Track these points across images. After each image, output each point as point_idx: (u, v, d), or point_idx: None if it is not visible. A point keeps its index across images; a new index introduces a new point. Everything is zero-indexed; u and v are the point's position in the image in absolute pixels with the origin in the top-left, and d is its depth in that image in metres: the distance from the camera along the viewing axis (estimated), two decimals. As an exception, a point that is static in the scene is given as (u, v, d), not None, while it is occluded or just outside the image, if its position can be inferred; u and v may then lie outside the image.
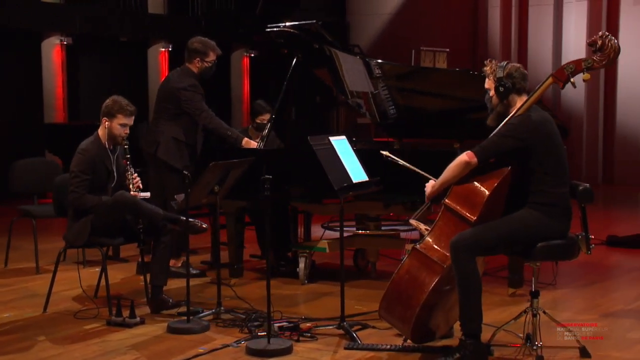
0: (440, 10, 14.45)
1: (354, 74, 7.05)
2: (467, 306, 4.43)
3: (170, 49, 13.66)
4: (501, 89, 4.59)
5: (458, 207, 4.52)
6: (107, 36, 13.17)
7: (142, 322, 5.43)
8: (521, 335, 4.77)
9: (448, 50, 12.54)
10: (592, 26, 14.00)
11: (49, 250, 7.40)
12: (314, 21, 6.80)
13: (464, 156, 4.47)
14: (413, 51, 11.51)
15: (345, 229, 7.04)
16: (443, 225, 4.59)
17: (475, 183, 4.50)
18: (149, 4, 13.57)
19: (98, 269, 6.89)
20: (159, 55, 13.64)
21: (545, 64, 14.11)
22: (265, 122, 7.17)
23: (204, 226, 5.83)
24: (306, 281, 6.61)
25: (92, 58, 13.38)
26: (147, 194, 6.18)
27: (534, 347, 4.64)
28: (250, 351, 4.80)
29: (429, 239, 4.60)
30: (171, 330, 5.27)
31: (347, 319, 5.25)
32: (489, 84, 4.68)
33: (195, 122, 6.70)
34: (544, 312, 4.71)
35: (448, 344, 4.85)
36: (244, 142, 6.61)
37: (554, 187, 4.48)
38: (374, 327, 5.28)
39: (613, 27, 14.00)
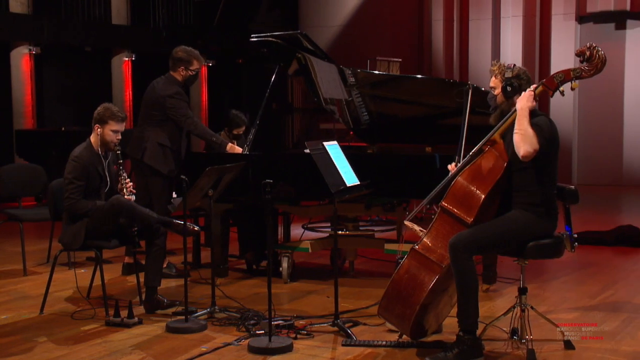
0: (388, 23, 14.42)
1: (328, 81, 6.93)
2: (465, 303, 4.35)
3: (133, 59, 13.38)
4: (509, 88, 4.52)
5: (455, 210, 4.43)
6: (73, 46, 12.83)
7: (140, 322, 5.23)
8: (505, 329, 4.72)
9: (400, 60, 12.52)
10: (527, 40, 14.15)
11: (33, 252, 7.15)
12: (299, 31, 6.65)
13: (531, 155, 4.27)
14: (369, 61, 11.44)
15: (324, 229, 6.99)
16: (440, 226, 4.50)
17: (471, 187, 4.42)
18: (112, 16, 13.28)
19: (84, 270, 6.70)
20: (123, 64, 13.35)
21: (484, 75, 14.06)
22: (242, 133, 7.07)
23: (196, 229, 5.68)
24: (289, 280, 6.46)
25: (59, 67, 13.04)
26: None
27: (523, 341, 4.60)
28: (252, 349, 4.64)
29: (426, 240, 4.50)
30: (170, 329, 5.08)
31: (327, 317, 5.18)
32: (495, 82, 4.62)
33: (180, 128, 6.51)
34: (532, 308, 4.64)
35: (438, 339, 4.77)
36: (228, 147, 6.45)
37: (548, 189, 4.44)
38: (365, 324, 5.18)
39: (545, 40, 14.16)
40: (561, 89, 4.42)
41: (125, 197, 5.50)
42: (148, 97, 6.62)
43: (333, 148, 5.09)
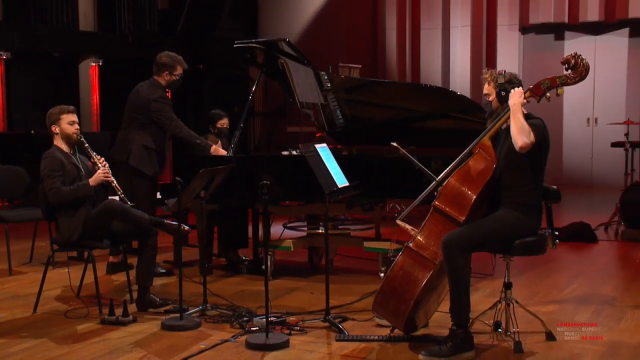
0: (344, 31, 14.32)
1: (304, 86, 6.84)
2: (458, 299, 4.30)
3: (100, 64, 13.08)
4: (503, 93, 4.49)
5: (447, 209, 4.38)
6: (41, 51, 12.48)
7: (134, 321, 5.06)
8: (487, 322, 4.70)
9: (360, 66, 12.47)
10: (475, 49, 14.22)
11: (15, 252, 6.89)
12: (284, 38, 6.54)
13: (528, 146, 4.25)
14: (330, 66, 11.32)
15: (303, 229, 6.87)
16: (432, 225, 4.44)
17: (463, 187, 4.37)
18: (80, 22, 12.95)
19: (67, 270, 6.48)
20: (90, 69, 13.03)
21: (435, 81, 14.23)
22: (225, 126, 6.92)
23: (186, 229, 5.52)
24: (271, 277, 6.34)
25: (28, 71, 12.67)
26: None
27: (508, 334, 4.58)
28: (250, 345, 4.52)
29: (419, 238, 4.44)
30: (166, 327, 4.92)
31: (317, 313, 5.12)
32: (488, 89, 4.58)
33: (164, 131, 6.35)
34: (516, 302, 4.62)
35: (427, 332, 4.73)
36: (212, 149, 6.31)
37: (536, 188, 4.42)
38: (353, 319, 5.09)
39: (491, 49, 14.25)
40: (547, 95, 4.40)
41: (100, 170, 5.33)
42: (132, 100, 6.45)
43: (323, 150, 4.99)
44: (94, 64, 13.04)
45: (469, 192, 4.35)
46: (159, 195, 6.45)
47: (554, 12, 13.57)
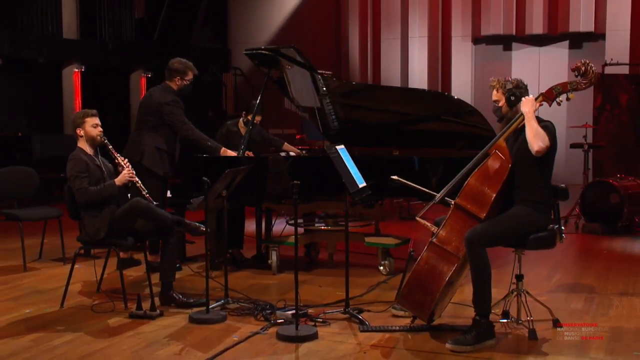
0: (309, 40, 14.17)
1: (301, 91, 6.73)
2: (481, 290, 4.23)
3: (82, 70, 12.73)
4: (512, 98, 4.45)
5: (468, 206, 4.31)
6: (28, 58, 12.08)
7: (161, 315, 4.87)
8: (496, 312, 4.63)
9: (331, 72, 12.31)
10: (432, 58, 14.24)
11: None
12: (291, 45, 6.37)
13: (543, 150, 4.21)
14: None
15: (304, 225, 6.71)
16: (454, 222, 4.36)
17: (483, 186, 4.30)
18: (63, 30, 12.59)
19: (77, 266, 6.24)
20: (73, 75, 12.68)
21: (395, 88, 14.19)
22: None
23: (202, 228, 5.33)
24: (277, 272, 6.19)
25: (14, 77, 12.26)
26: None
27: (519, 322, 4.53)
28: (282, 337, 4.37)
29: (442, 233, 4.35)
30: (194, 320, 4.74)
31: (333, 305, 5.04)
32: (497, 95, 4.53)
33: (175, 133, 6.16)
34: (527, 293, 4.57)
35: (441, 322, 4.63)
36: (221, 151, 6.13)
37: (546, 186, 4.37)
38: (369, 311, 4.98)
39: (447, 59, 14.29)
40: (559, 99, 4.36)
41: (126, 170, 5.17)
42: (145, 104, 6.25)
43: (343, 151, 4.86)
44: (76, 70, 12.69)
45: (489, 190, 4.28)
46: (169, 194, 6.24)
47: (503, 25, 13.68)
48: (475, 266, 4.20)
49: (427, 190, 4.70)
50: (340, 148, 4.85)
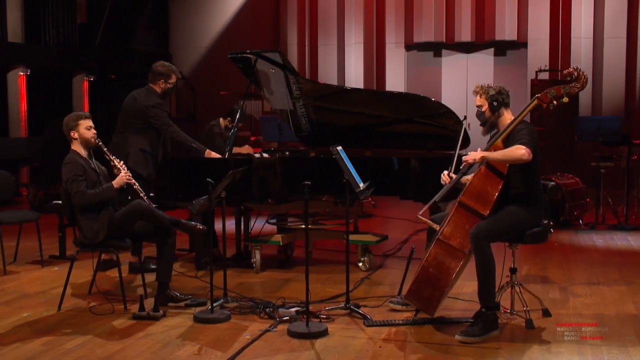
0: (249, 45, 13.93)
1: (275, 93, 6.61)
2: (487, 284, 4.26)
3: (28, 73, 12.16)
4: (495, 103, 4.48)
5: (472, 204, 4.33)
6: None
7: (164, 315, 4.69)
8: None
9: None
10: (367, 64, 14.28)
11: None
12: (277, 49, 6.25)
13: (525, 152, 4.17)
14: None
15: (292, 224, 6.58)
16: (457, 219, 4.37)
17: (485, 185, 4.33)
18: (8, 34, 11.99)
19: (57, 268, 6.00)
20: (18, 78, 12.09)
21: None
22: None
23: (200, 227, 5.16)
24: (260, 270, 6.06)
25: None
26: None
27: (514, 313, 4.60)
28: (294, 334, 4.29)
29: (447, 230, 4.35)
30: (199, 320, 4.60)
31: (331, 301, 5.00)
32: (480, 101, 4.55)
33: (159, 135, 5.96)
34: (521, 286, 4.64)
35: (442, 315, 4.64)
36: (206, 153, 5.96)
37: (537, 184, 4.44)
38: (365, 306, 4.93)
39: (381, 64, 14.37)
40: (554, 102, 4.42)
41: (123, 172, 4.98)
42: (129, 107, 6.01)
43: (342, 152, 4.79)
44: (22, 73, 12.12)
45: (491, 189, 4.32)
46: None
47: (434, 32, 13.87)
48: (480, 261, 4.23)
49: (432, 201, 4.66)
50: (340, 149, 4.78)
